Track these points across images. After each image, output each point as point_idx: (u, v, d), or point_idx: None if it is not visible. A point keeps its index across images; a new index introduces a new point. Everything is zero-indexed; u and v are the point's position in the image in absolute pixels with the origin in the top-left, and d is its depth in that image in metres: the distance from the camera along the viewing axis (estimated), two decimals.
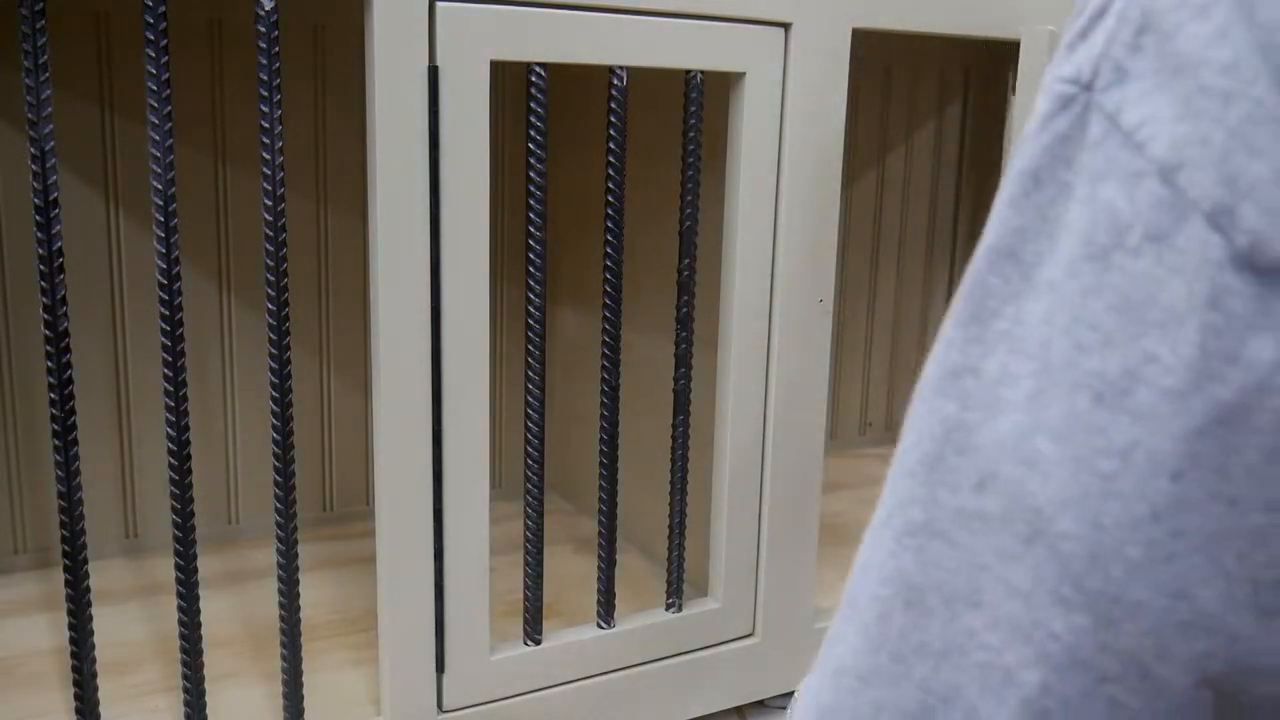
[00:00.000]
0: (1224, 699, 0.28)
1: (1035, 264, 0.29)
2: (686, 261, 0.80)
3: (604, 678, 0.82)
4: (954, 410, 0.30)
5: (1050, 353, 0.28)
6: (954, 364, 0.31)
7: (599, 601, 0.82)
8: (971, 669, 0.30)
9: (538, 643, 0.80)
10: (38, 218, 0.61)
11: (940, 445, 0.30)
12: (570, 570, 1.00)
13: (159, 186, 0.62)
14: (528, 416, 0.77)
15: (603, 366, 0.79)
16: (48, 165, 0.60)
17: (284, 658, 0.72)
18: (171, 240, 0.63)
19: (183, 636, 0.69)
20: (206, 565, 1.00)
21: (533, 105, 0.71)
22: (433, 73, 0.66)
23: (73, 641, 0.67)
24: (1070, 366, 0.28)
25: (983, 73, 1.33)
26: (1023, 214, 0.29)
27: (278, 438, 0.68)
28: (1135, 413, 0.26)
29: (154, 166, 0.62)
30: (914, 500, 0.31)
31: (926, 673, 0.31)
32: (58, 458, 0.64)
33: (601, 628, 0.83)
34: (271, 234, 0.66)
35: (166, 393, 0.65)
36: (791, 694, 0.88)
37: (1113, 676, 0.28)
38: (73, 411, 0.64)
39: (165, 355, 0.65)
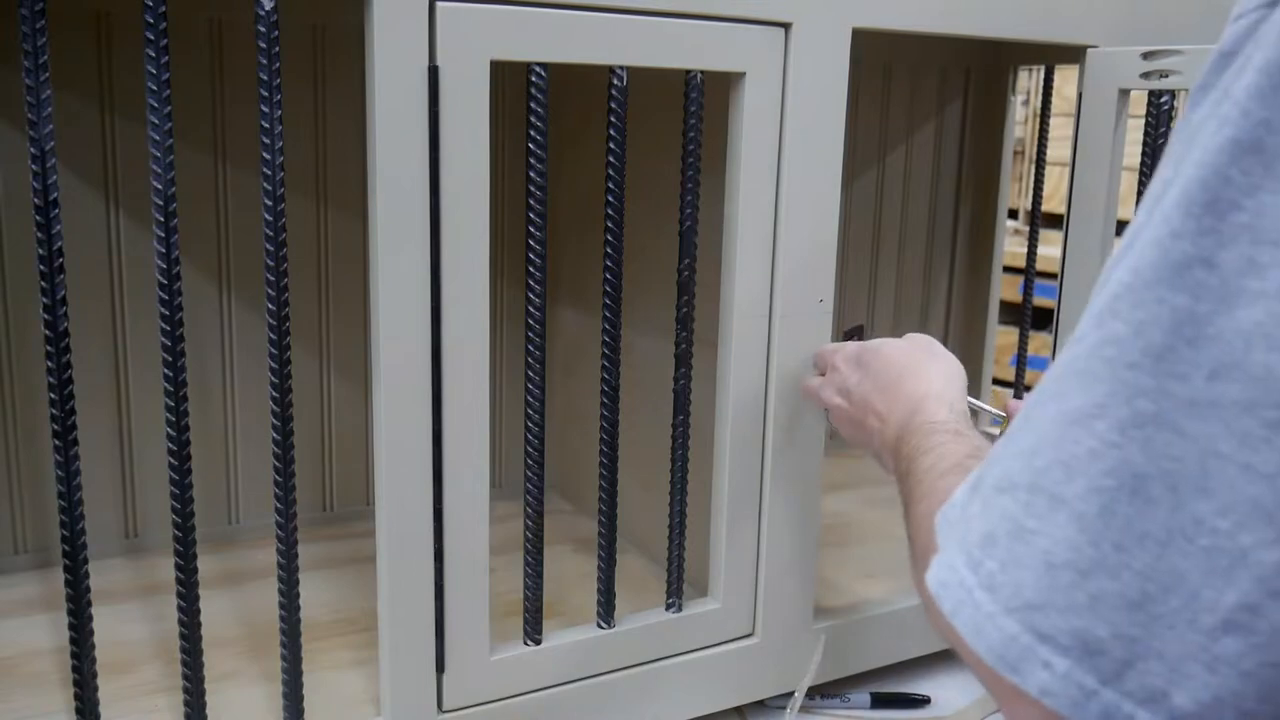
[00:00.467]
0: None
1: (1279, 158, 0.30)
2: (686, 261, 0.80)
3: (604, 678, 0.82)
4: (1184, 302, 0.31)
5: None
6: (1184, 255, 0.31)
7: (599, 601, 0.82)
8: (1196, 554, 0.30)
9: (538, 643, 0.80)
10: (38, 218, 0.61)
11: (1169, 337, 0.31)
12: (570, 570, 1.00)
13: (159, 186, 0.62)
14: (528, 416, 0.77)
15: (603, 366, 0.79)
16: (48, 165, 0.60)
17: (284, 658, 0.72)
18: (171, 240, 0.63)
19: (183, 636, 0.69)
20: (206, 565, 0.99)
21: (533, 105, 0.71)
22: (433, 73, 0.66)
23: (73, 641, 0.67)
24: None
25: (983, 73, 1.33)
26: (1269, 108, 0.30)
27: (278, 438, 0.68)
28: None
29: (154, 166, 0.62)
30: (1140, 392, 0.31)
31: (1148, 561, 0.31)
32: (58, 458, 0.64)
33: (601, 628, 0.83)
34: (271, 234, 0.66)
35: (166, 393, 0.65)
36: (791, 694, 0.88)
37: None
38: (73, 411, 0.64)
39: (165, 355, 0.65)
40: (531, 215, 0.73)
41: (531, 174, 0.72)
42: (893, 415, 0.69)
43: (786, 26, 0.78)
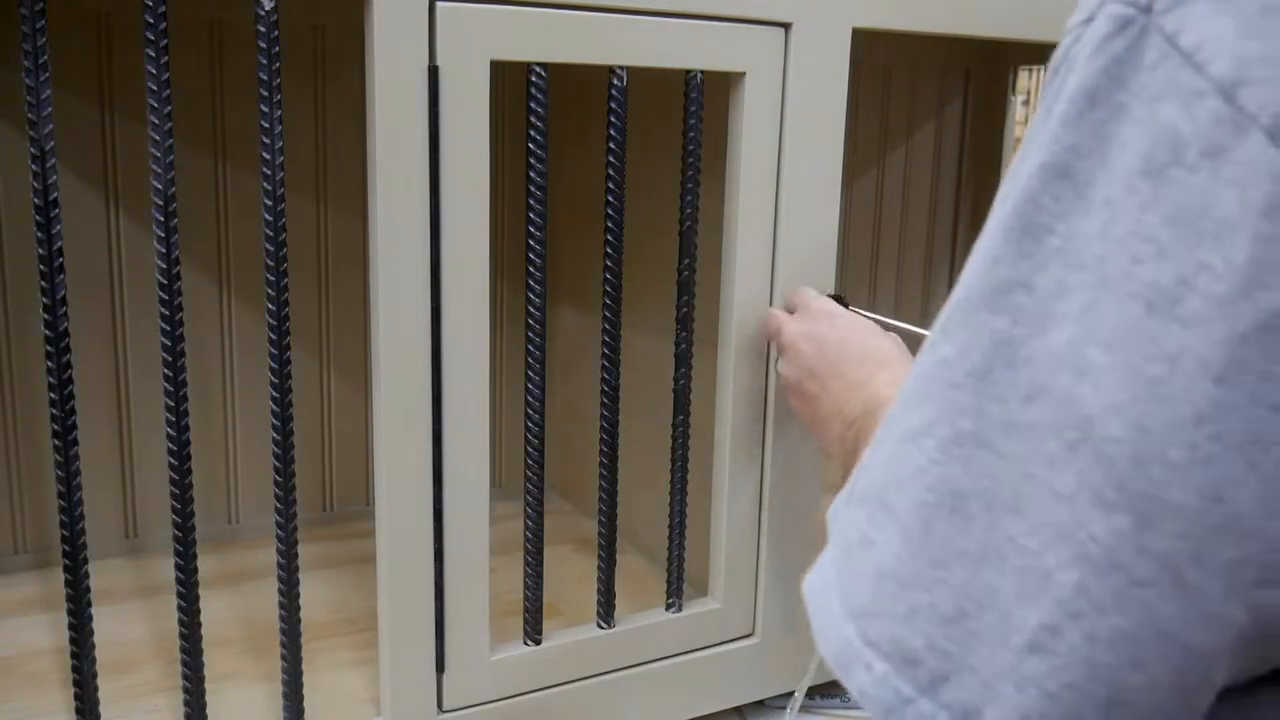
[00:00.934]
0: (1258, 624, 0.28)
1: (1089, 182, 0.30)
2: (686, 261, 0.80)
3: (604, 678, 0.82)
4: (1004, 325, 0.31)
5: (1105, 266, 0.29)
6: (1003, 280, 0.31)
7: (599, 601, 0.82)
8: (1009, 573, 0.31)
9: (538, 643, 0.80)
10: (38, 218, 0.61)
11: (989, 359, 0.31)
12: (570, 570, 1.00)
13: (159, 186, 0.62)
14: (528, 416, 0.77)
15: (603, 366, 0.79)
16: (48, 165, 0.60)
17: (284, 658, 0.72)
18: (171, 240, 0.63)
19: (183, 636, 0.69)
20: (206, 565, 0.99)
21: (533, 105, 0.71)
22: (433, 73, 0.66)
23: (73, 641, 0.67)
24: (1124, 278, 0.28)
25: (983, 73, 1.33)
26: (1077, 133, 0.30)
27: (278, 438, 0.68)
28: (1185, 319, 0.27)
29: (154, 166, 0.62)
30: (962, 411, 0.32)
31: (964, 578, 0.32)
32: (58, 458, 0.64)
33: (601, 628, 0.83)
34: (271, 234, 0.66)
35: (166, 393, 0.65)
36: (791, 694, 0.88)
37: (1147, 580, 0.29)
38: (73, 411, 0.64)
39: (165, 355, 0.65)
40: (531, 215, 0.73)
41: (531, 174, 0.72)
42: (837, 395, 0.70)
43: (786, 26, 0.78)
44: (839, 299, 0.83)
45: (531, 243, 0.73)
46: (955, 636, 0.32)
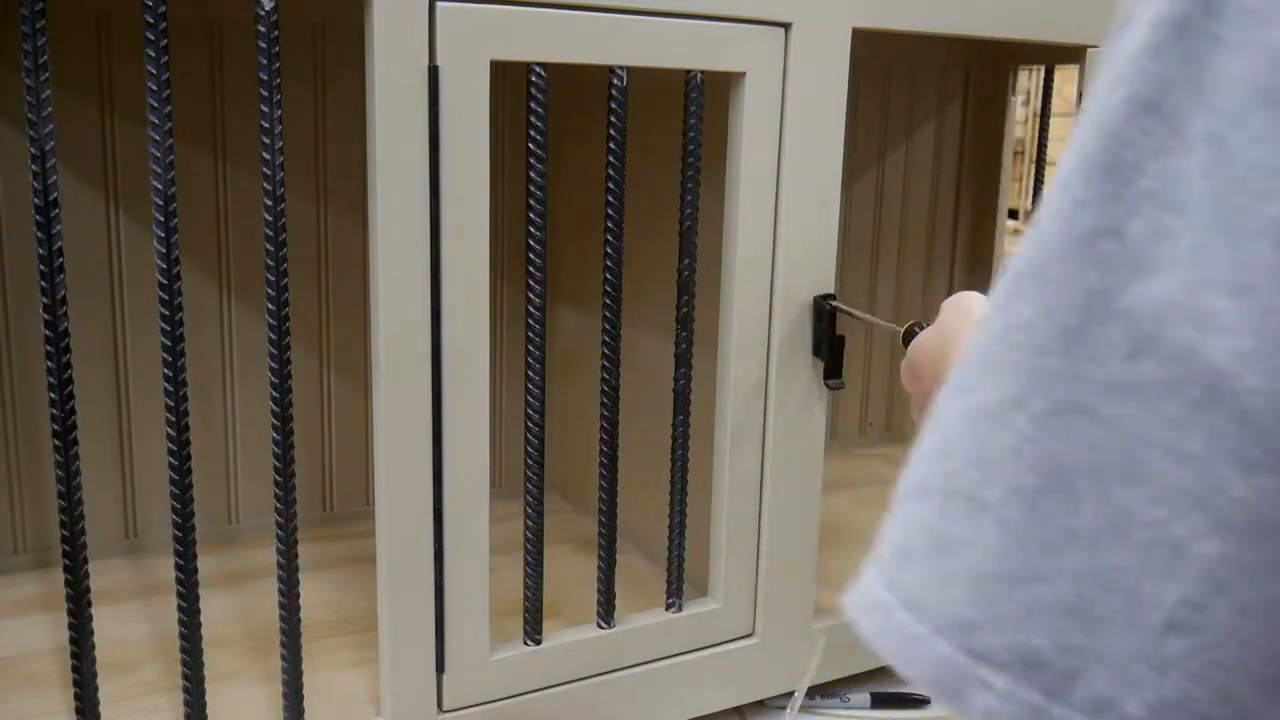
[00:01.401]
0: None
1: (1182, 117, 0.28)
2: (686, 261, 0.80)
3: (604, 678, 0.82)
4: (1094, 277, 0.28)
5: (1216, 205, 0.27)
6: (1089, 226, 0.29)
7: (599, 601, 0.82)
8: (1132, 549, 0.28)
9: (538, 643, 0.80)
10: (38, 218, 0.61)
11: (1080, 316, 0.29)
12: (570, 570, 1.00)
13: (159, 186, 0.62)
14: (528, 416, 0.77)
15: (603, 366, 0.79)
16: (48, 165, 0.60)
17: (284, 658, 0.72)
18: (171, 240, 0.63)
19: (183, 636, 0.69)
20: (206, 565, 0.99)
21: (533, 105, 0.71)
22: (433, 73, 0.66)
23: (73, 641, 0.67)
24: (1243, 215, 0.26)
25: (983, 73, 1.33)
26: (1167, 64, 0.28)
27: (278, 438, 0.68)
28: None
29: (154, 166, 0.62)
30: (1054, 378, 0.29)
31: (1081, 561, 0.29)
32: (58, 458, 0.64)
33: (601, 628, 0.83)
34: (271, 234, 0.66)
35: (166, 393, 0.65)
36: (791, 694, 0.88)
37: None
38: (73, 411, 0.64)
39: (165, 355, 0.65)
40: (531, 215, 0.73)
41: (531, 174, 0.72)
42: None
43: (786, 26, 0.78)
44: (829, 298, 0.83)
45: (531, 243, 0.73)
46: (1081, 627, 0.29)
